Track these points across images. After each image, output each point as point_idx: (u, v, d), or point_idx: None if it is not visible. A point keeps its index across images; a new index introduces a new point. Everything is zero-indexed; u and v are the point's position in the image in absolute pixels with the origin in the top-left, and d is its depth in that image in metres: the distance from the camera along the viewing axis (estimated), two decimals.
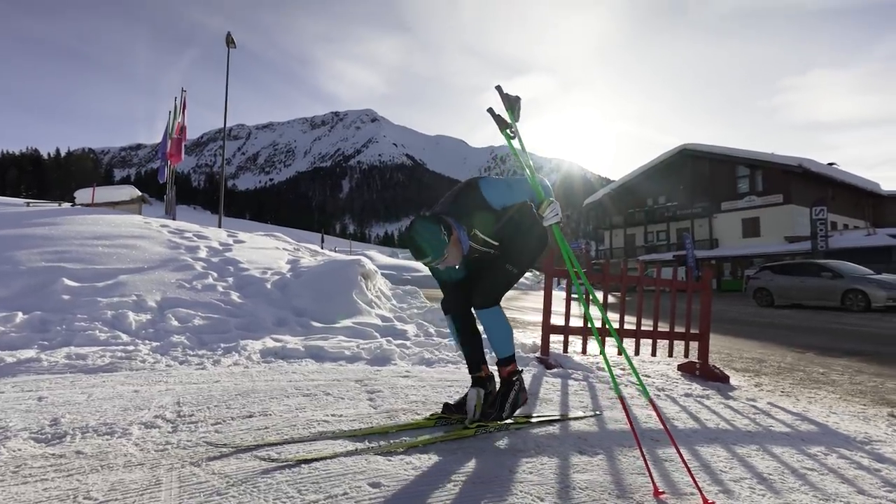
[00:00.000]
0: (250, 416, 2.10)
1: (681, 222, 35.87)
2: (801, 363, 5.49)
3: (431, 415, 2.21)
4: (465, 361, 2.35)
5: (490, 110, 2.20)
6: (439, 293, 2.44)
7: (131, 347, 3.45)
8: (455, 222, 2.02)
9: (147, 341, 3.70)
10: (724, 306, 15.10)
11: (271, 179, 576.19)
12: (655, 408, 1.99)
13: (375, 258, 38.24)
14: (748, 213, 32.00)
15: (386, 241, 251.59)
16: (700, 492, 1.53)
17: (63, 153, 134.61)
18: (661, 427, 2.29)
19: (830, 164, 34.05)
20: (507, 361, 2.22)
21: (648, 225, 38.78)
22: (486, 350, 2.36)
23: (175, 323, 4.13)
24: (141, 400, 2.32)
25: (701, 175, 34.44)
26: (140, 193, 14.11)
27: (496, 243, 2.20)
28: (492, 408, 2.15)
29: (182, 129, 12.21)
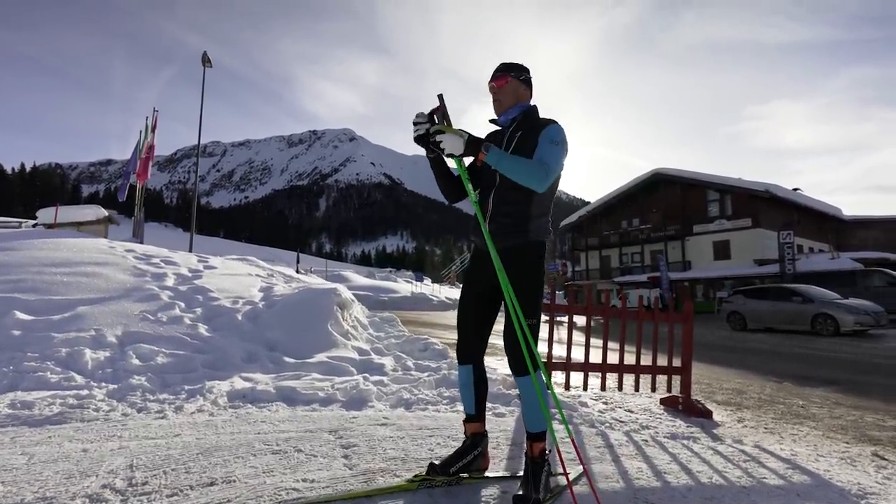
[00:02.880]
0: (211, 484, 1.89)
1: (655, 244, 36.54)
2: (781, 394, 5.50)
3: (414, 476, 2.05)
4: (460, 404, 2.21)
5: (440, 96, 2.13)
6: (416, 317, 2.30)
7: (85, 392, 3.19)
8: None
9: (104, 384, 3.43)
10: (699, 329, 15.25)
11: (246, 197, 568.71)
12: (578, 453, 1.87)
13: (352, 279, 37.72)
14: (719, 237, 32.82)
15: (363, 261, 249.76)
16: None
17: (28, 168, 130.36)
18: (659, 484, 2.19)
19: (795, 189, 35.33)
20: (539, 437, 2.00)
21: (623, 247, 39.39)
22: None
23: (136, 361, 3.86)
24: (89, 462, 2.09)
25: (673, 199, 35.28)
26: (106, 213, 13.61)
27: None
28: (528, 489, 1.89)
29: (150, 149, 11.88)
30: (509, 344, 2.01)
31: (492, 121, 2.28)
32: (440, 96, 2.11)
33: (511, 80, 2.16)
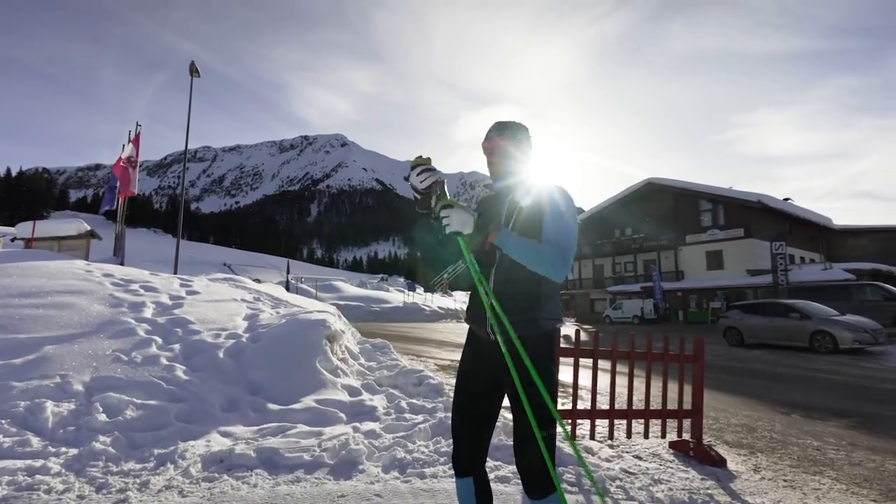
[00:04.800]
0: None
1: (648, 254, 36.47)
2: (792, 431, 5.26)
3: None
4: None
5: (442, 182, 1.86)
6: (409, 331, 1.98)
7: (40, 463, 2.84)
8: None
9: (63, 448, 3.08)
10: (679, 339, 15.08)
11: (237, 202, 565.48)
12: None
13: (343, 290, 37.27)
14: (712, 246, 32.80)
15: (355, 266, 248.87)
16: None
17: (14, 172, 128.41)
18: None
19: (786, 199, 35.48)
20: None
21: (616, 256, 39.30)
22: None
23: (102, 417, 3.51)
24: None
25: (666, 208, 35.27)
26: (89, 228, 13.15)
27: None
28: None
29: (130, 161, 11.48)
30: (526, 462, 1.69)
31: (486, 186, 2.03)
32: (441, 182, 1.83)
33: (507, 142, 1.89)
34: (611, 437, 4.19)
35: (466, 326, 1.97)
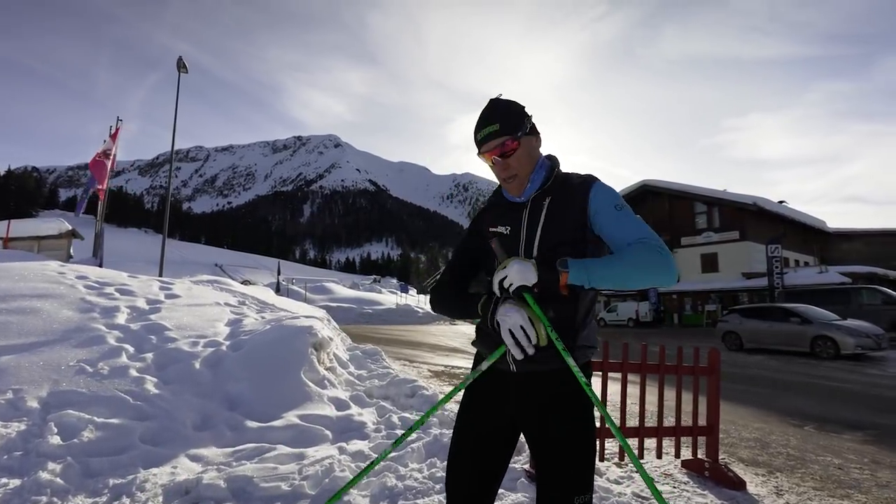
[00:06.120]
0: None
1: None
2: (809, 447, 4.96)
3: None
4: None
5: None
6: (402, 334, 1.60)
7: None
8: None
9: (5, 479, 2.69)
10: (690, 350, 14.81)
11: (229, 203, 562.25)
12: None
13: (335, 291, 36.80)
14: (706, 249, 32.64)
15: (348, 268, 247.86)
16: None
17: (2, 171, 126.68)
18: None
19: (781, 202, 35.43)
20: None
21: None
22: None
23: (56, 440, 3.11)
24: None
25: (661, 211, 35.08)
26: (70, 228, 12.66)
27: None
28: None
29: (106, 155, 11.02)
30: None
31: (495, 196, 1.61)
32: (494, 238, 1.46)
33: (522, 139, 1.43)
34: (621, 458, 3.86)
35: (460, 328, 1.56)
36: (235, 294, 8.14)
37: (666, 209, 34.78)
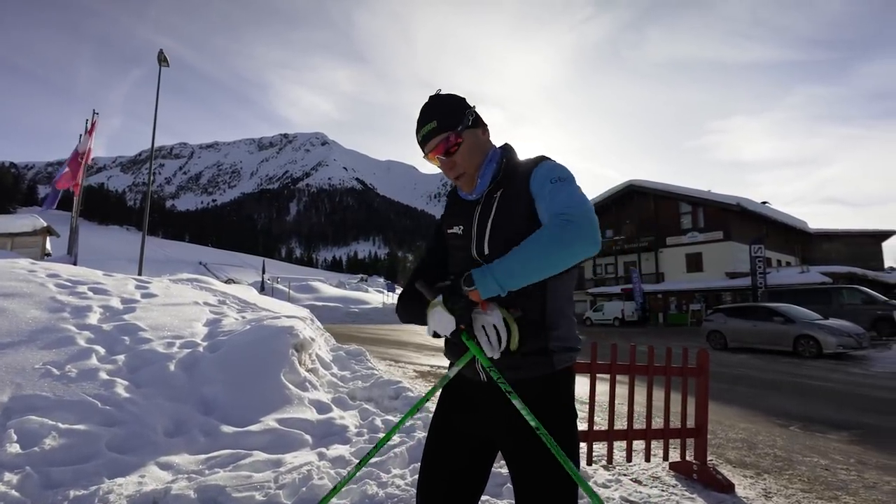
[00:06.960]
0: None
1: (628, 256, 36.53)
2: (794, 446, 4.94)
3: None
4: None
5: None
6: (388, 334, 1.47)
7: None
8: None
9: None
10: (679, 350, 14.90)
11: (214, 200, 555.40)
12: None
13: (321, 290, 36.45)
14: (691, 249, 32.96)
15: (334, 266, 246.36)
16: None
17: None
18: None
19: (764, 202, 35.92)
20: None
21: (597, 258, 39.29)
22: None
23: (15, 448, 2.93)
24: None
25: (647, 210, 35.36)
26: (45, 224, 12.26)
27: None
28: None
29: (84, 154, 10.70)
30: None
31: (450, 196, 1.51)
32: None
33: (465, 134, 1.35)
34: (609, 461, 3.77)
35: None
36: (216, 293, 7.93)
37: (652, 209, 35.05)
